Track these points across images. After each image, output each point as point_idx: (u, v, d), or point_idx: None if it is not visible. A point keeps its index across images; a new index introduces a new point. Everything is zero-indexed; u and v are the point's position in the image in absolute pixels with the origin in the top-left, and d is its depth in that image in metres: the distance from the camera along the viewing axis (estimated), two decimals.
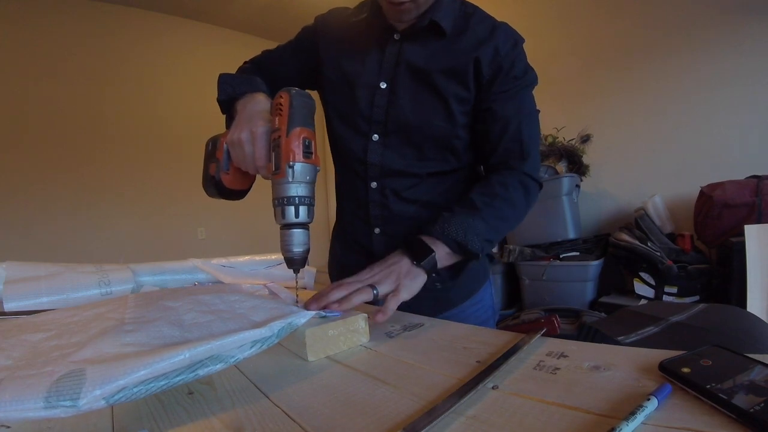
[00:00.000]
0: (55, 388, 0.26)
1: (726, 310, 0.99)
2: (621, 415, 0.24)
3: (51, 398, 0.25)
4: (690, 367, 0.28)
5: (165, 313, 0.38)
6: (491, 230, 0.61)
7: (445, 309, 0.73)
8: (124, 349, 0.30)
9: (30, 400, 0.25)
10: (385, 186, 0.71)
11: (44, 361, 0.29)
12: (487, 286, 0.81)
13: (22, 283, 0.66)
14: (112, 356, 0.29)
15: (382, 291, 0.52)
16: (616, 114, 2.25)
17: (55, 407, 0.25)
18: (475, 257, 0.60)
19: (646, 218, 1.89)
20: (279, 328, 0.36)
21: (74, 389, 0.26)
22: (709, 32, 1.91)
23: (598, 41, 2.30)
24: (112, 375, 0.27)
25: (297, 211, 0.48)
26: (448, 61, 0.64)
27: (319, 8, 0.82)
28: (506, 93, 0.65)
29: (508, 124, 0.65)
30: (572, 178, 2.08)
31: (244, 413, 0.31)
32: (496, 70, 0.64)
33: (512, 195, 0.64)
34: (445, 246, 0.58)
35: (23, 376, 0.27)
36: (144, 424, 0.30)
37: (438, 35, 0.65)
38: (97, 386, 0.26)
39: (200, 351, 0.31)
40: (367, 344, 0.46)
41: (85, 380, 0.26)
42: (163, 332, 0.34)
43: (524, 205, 0.66)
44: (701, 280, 1.66)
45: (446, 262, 0.60)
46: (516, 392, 0.30)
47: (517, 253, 2.12)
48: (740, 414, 0.22)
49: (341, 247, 0.83)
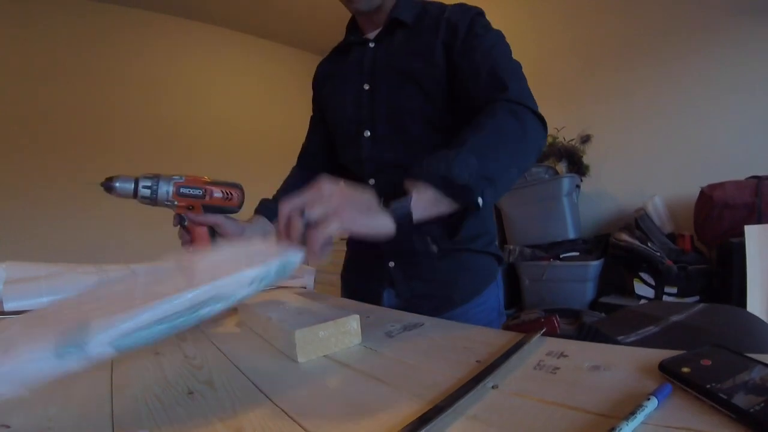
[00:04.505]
0: (63, 338, 0.26)
1: (726, 310, 0.99)
2: (621, 415, 0.24)
3: (60, 347, 0.26)
4: (690, 366, 0.28)
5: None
6: (484, 162, 0.50)
7: (446, 309, 0.72)
8: (132, 303, 0.31)
9: (40, 349, 0.26)
10: (382, 181, 0.74)
11: (56, 320, 0.30)
12: (494, 287, 0.79)
13: (22, 283, 0.66)
14: (119, 309, 0.30)
15: (311, 216, 0.41)
16: (617, 114, 2.25)
17: (65, 356, 0.26)
18: (470, 200, 0.48)
19: (646, 218, 1.89)
20: (276, 266, 0.37)
21: (81, 337, 0.27)
22: (710, 33, 1.90)
23: (599, 41, 2.30)
24: (116, 320, 0.28)
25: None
26: (415, 45, 0.71)
27: (319, 8, 0.84)
28: (471, 48, 0.66)
29: (479, 67, 0.64)
30: (572, 179, 2.08)
31: (244, 413, 0.31)
32: (453, 32, 0.68)
33: (501, 123, 0.56)
34: (430, 186, 0.47)
35: (35, 333, 0.28)
36: (144, 424, 0.30)
37: (403, 28, 0.73)
38: (102, 331, 0.27)
39: (201, 292, 0.31)
40: (366, 344, 0.46)
41: (90, 327, 0.27)
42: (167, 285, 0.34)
43: (520, 133, 0.56)
44: (701, 281, 1.66)
45: (434, 210, 0.48)
46: (516, 392, 0.30)
47: (517, 253, 2.12)
48: (740, 414, 0.22)
49: (351, 251, 0.89)
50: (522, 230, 2.18)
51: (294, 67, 3.93)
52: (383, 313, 0.62)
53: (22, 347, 0.26)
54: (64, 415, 0.33)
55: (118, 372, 0.42)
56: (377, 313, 0.61)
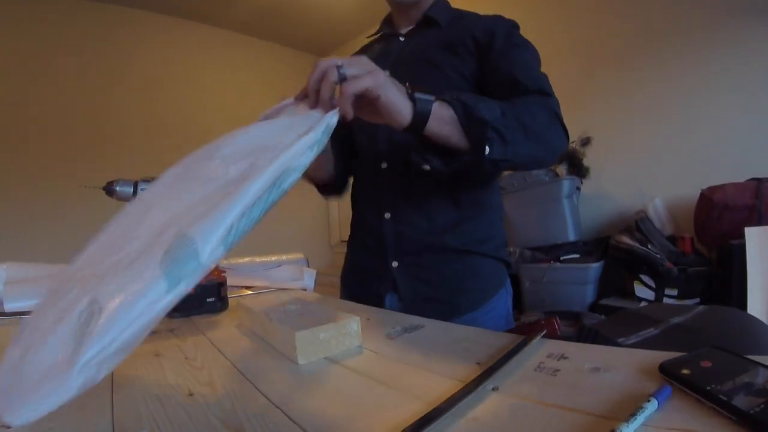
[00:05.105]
0: (170, 259, 0.25)
1: (726, 312, 0.99)
2: (621, 417, 0.24)
3: (169, 271, 0.24)
4: (690, 368, 0.28)
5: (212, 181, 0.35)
6: (506, 121, 0.52)
7: (452, 316, 0.66)
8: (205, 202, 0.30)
9: (148, 280, 0.24)
10: (395, 164, 0.73)
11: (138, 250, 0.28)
12: (503, 293, 0.75)
13: (22, 284, 0.67)
14: (199, 214, 0.29)
15: (347, 71, 0.44)
16: (617, 116, 2.25)
17: (179, 278, 0.24)
18: (479, 141, 0.50)
19: (646, 221, 1.89)
20: (321, 131, 0.38)
21: (186, 249, 0.25)
22: (711, 34, 1.91)
23: (599, 43, 2.30)
24: (215, 220, 0.27)
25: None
26: (445, 39, 0.72)
27: (319, 9, 0.85)
28: (510, 54, 0.67)
29: (517, 74, 0.64)
30: (573, 181, 2.08)
31: (244, 414, 0.31)
32: (490, 36, 0.69)
33: (534, 109, 0.58)
34: (448, 106, 0.50)
35: (132, 260, 0.26)
36: (144, 424, 0.30)
37: (436, 28, 0.75)
38: (208, 233, 0.26)
39: (276, 167, 0.32)
40: (367, 346, 0.46)
41: (191, 236, 0.26)
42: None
43: (546, 123, 0.59)
44: (701, 283, 1.66)
45: (445, 129, 0.50)
46: (516, 394, 0.30)
47: (518, 255, 2.11)
48: (740, 415, 0.22)
49: (352, 253, 0.86)
50: (522, 232, 2.17)
51: (292, 68, 3.93)
52: (383, 315, 0.62)
53: (129, 288, 0.24)
54: (64, 415, 0.32)
55: (119, 372, 0.42)
56: (377, 315, 0.61)
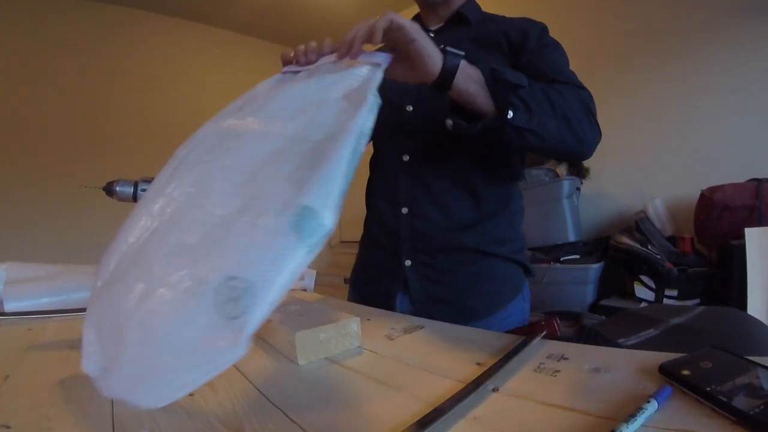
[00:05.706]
0: (299, 228, 0.26)
1: (726, 313, 0.99)
2: (621, 417, 0.24)
3: (303, 239, 0.26)
4: (690, 369, 0.28)
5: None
6: (533, 93, 0.54)
7: (463, 321, 0.61)
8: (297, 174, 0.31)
9: (286, 248, 0.26)
10: (417, 158, 0.72)
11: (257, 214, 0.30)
12: (519, 300, 0.73)
13: (22, 283, 0.67)
14: (298, 180, 0.30)
15: (382, 22, 0.46)
16: (617, 116, 2.24)
17: (313, 245, 0.26)
18: (503, 103, 0.52)
19: (646, 221, 1.88)
20: (374, 93, 0.38)
21: (315, 221, 0.26)
22: (711, 34, 1.90)
23: (599, 43, 2.30)
24: (326, 178, 0.28)
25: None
26: (476, 36, 0.71)
27: (320, 10, 0.84)
28: (538, 54, 0.67)
29: (553, 72, 0.64)
30: (573, 181, 2.08)
31: (244, 414, 0.31)
32: (523, 35, 0.69)
33: (565, 93, 0.59)
34: (477, 70, 0.52)
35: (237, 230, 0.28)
36: (144, 424, 0.30)
37: (466, 26, 0.75)
38: (324, 198, 0.27)
39: (354, 132, 0.32)
40: (367, 346, 0.46)
41: (308, 205, 0.27)
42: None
43: (576, 109, 0.59)
44: (701, 283, 1.66)
45: (471, 87, 0.52)
46: (516, 394, 0.30)
47: None
48: (740, 416, 0.22)
49: (365, 245, 0.83)
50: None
51: None
52: (384, 315, 0.62)
53: (268, 258, 0.26)
54: (64, 415, 0.32)
55: None
56: (377, 316, 0.61)
